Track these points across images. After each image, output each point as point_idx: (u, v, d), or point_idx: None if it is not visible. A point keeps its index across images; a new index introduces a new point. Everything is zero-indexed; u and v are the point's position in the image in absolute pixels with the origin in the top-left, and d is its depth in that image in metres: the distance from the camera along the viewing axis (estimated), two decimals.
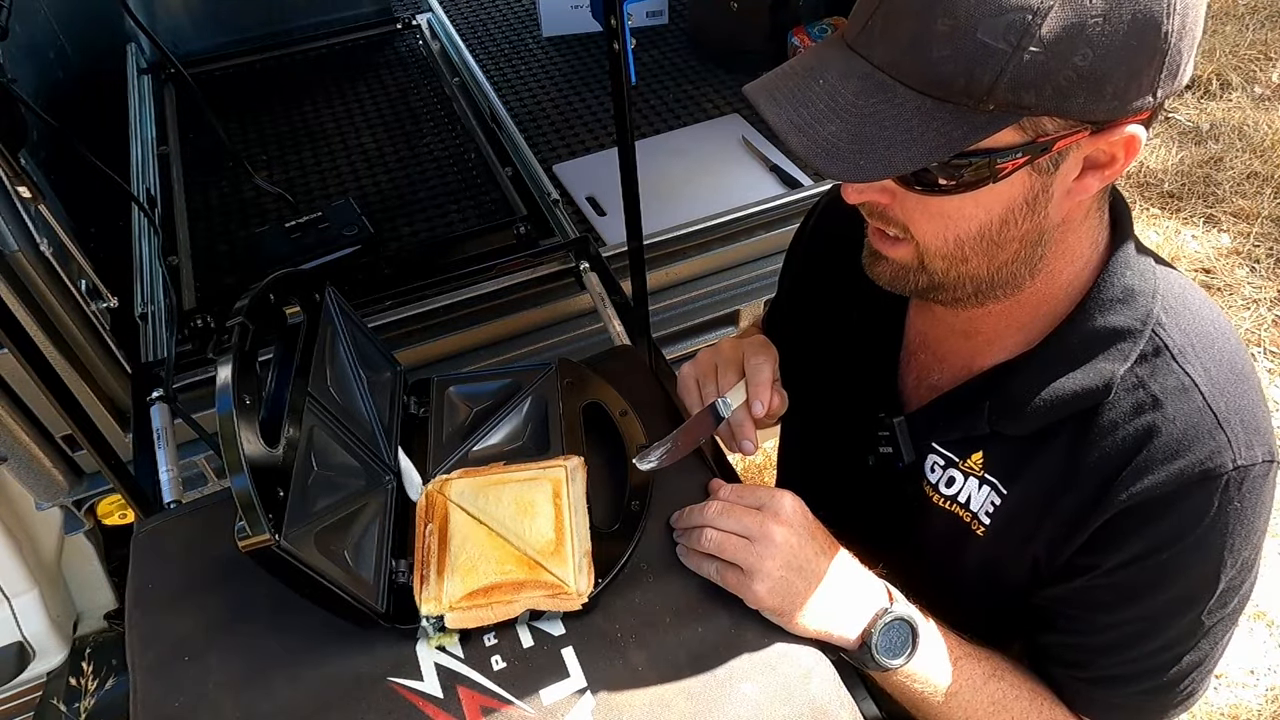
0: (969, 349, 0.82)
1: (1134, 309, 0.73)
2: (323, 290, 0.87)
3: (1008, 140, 0.61)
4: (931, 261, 0.71)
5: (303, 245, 1.49)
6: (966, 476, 0.81)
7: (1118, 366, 0.72)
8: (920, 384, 0.88)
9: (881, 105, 0.61)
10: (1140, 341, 0.72)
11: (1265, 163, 3.26)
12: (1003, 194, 0.65)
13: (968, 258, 0.70)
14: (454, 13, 2.33)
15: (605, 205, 1.68)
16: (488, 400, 0.95)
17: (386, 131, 1.84)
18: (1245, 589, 0.76)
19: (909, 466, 0.85)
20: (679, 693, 0.73)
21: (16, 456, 1.27)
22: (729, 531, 0.77)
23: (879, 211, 0.71)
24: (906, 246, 0.71)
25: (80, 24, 1.97)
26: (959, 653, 0.80)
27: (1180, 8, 0.58)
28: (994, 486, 0.79)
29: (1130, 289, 0.73)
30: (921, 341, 0.88)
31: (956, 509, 0.82)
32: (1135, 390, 0.72)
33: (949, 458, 0.82)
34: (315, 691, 0.73)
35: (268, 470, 0.69)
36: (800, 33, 1.95)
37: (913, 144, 0.60)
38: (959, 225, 0.67)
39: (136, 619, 0.79)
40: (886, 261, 0.74)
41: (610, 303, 1.29)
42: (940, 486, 0.83)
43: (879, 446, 0.87)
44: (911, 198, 0.67)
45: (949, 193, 0.65)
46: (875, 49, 0.62)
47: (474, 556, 0.79)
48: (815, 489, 0.83)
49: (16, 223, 1.15)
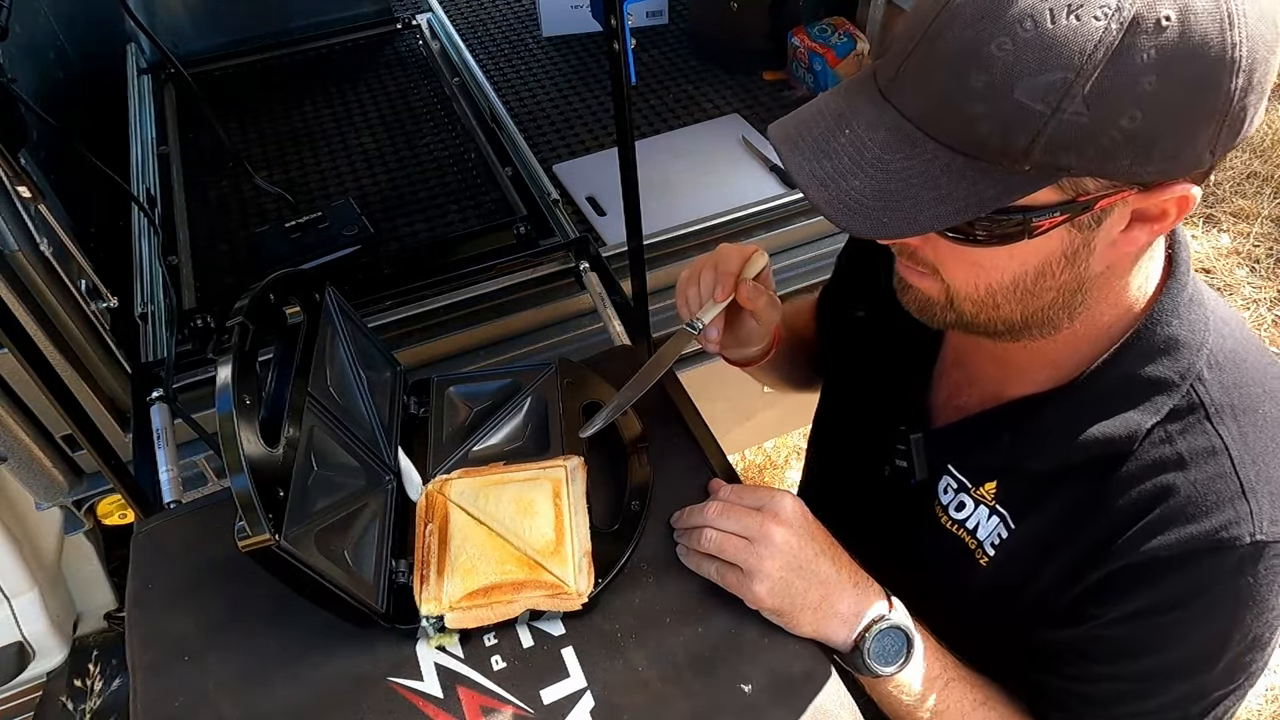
0: (1001, 376, 0.79)
1: (1176, 361, 0.69)
2: (323, 290, 0.87)
3: (1045, 199, 0.58)
4: (960, 304, 0.68)
5: (303, 245, 1.49)
6: (977, 504, 0.79)
7: (1147, 419, 0.69)
8: (949, 402, 0.86)
9: (909, 161, 0.58)
10: (1175, 396, 0.69)
11: (1265, 163, 3.26)
12: (1039, 248, 0.62)
13: (999, 305, 0.67)
14: (454, 13, 2.33)
15: (605, 205, 1.68)
16: (488, 400, 0.95)
17: (386, 131, 1.84)
18: (1256, 667, 0.72)
19: (921, 484, 0.83)
20: (679, 693, 0.73)
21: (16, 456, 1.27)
22: (729, 532, 0.77)
23: (908, 251, 0.69)
24: (936, 282, 0.69)
25: (80, 24, 1.97)
26: (952, 674, 0.79)
27: (1248, 64, 0.52)
28: (1003, 519, 0.77)
29: (1174, 339, 0.70)
30: (956, 359, 0.86)
31: (963, 534, 0.81)
32: (1161, 445, 0.69)
33: (962, 482, 0.81)
34: (315, 691, 0.73)
35: (268, 470, 0.69)
36: (800, 33, 1.94)
37: (941, 202, 0.57)
38: (991, 275, 0.65)
39: (136, 619, 0.79)
40: (914, 291, 0.72)
41: (610, 303, 1.29)
42: (950, 509, 0.82)
43: (895, 459, 0.85)
44: (943, 243, 0.64)
45: (981, 244, 0.62)
46: (906, 99, 0.58)
47: (474, 556, 0.79)
48: (832, 493, 0.83)
49: (16, 223, 1.15)
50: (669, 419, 0.94)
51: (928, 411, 0.87)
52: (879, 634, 0.75)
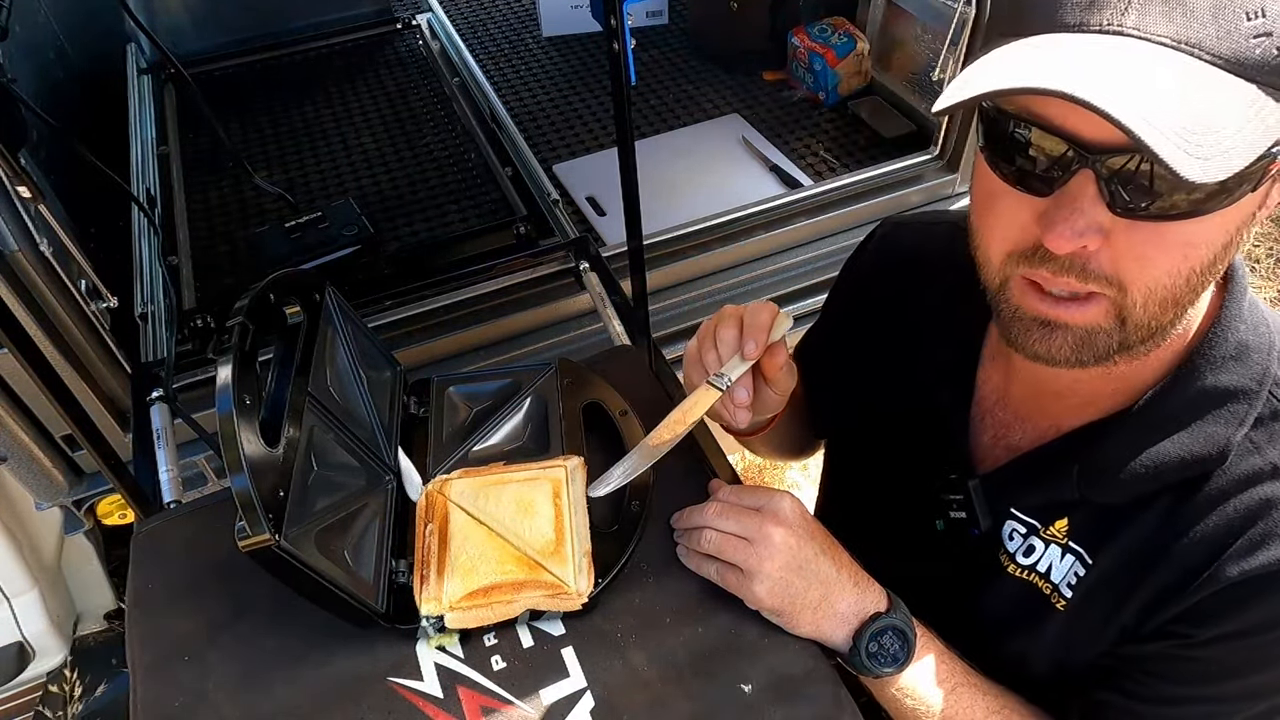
0: (1059, 408, 0.74)
1: (1249, 367, 0.66)
2: (323, 290, 0.87)
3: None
4: (1138, 314, 0.59)
5: (303, 245, 1.49)
6: (1048, 544, 0.75)
7: (1233, 432, 0.65)
8: (996, 443, 0.80)
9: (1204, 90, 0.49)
10: (1257, 403, 0.65)
11: None
12: (1246, 207, 0.55)
13: (1181, 299, 0.58)
14: (454, 13, 2.33)
15: (605, 205, 1.68)
16: (488, 400, 0.95)
17: (386, 131, 1.84)
18: None
19: (984, 534, 0.78)
20: (679, 693, 0.73)
21: (16, 456, 1.27)
22: (729, 533, 0.76)
23: (1079, 264, 0.58)
24: (1100, 305, 0.59)
25: (80, 24, 1.97)
26: (961, 680, 0.77)
27: None
28: (1079, 556, 0.73)
29: (1244, 344, 0.66)
30: (999, 399, 0.80)
31: (1035, 579, 0.76)
32: (1250, 456, 0.65)
33: (1030, 524, 0.76)
34: (315, 691, 0.73)
35: (268, 470, 0.69)
36: (800, 33, 1.95)
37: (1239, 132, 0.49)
38: (1197, 255, 0.56)
39: (136, 619, 0.79)
40: (1067, 331, 0.61)
41: (610, 303, 1.29)
42: (1018, 556, 0.77)
43: (949, 511, 0.79)
44: (1139, 231, 0.55)
45: (1200, 213, 0.53)
46: (1157, 23, 0.50)
47: (474, 556, 0.79)
48: (866, 553, 0.79)
49: (16, 223, 1.15)
50: None
51: (971, 457, 0.81)
52: (876, 634, 0.74)
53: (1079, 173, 0.54)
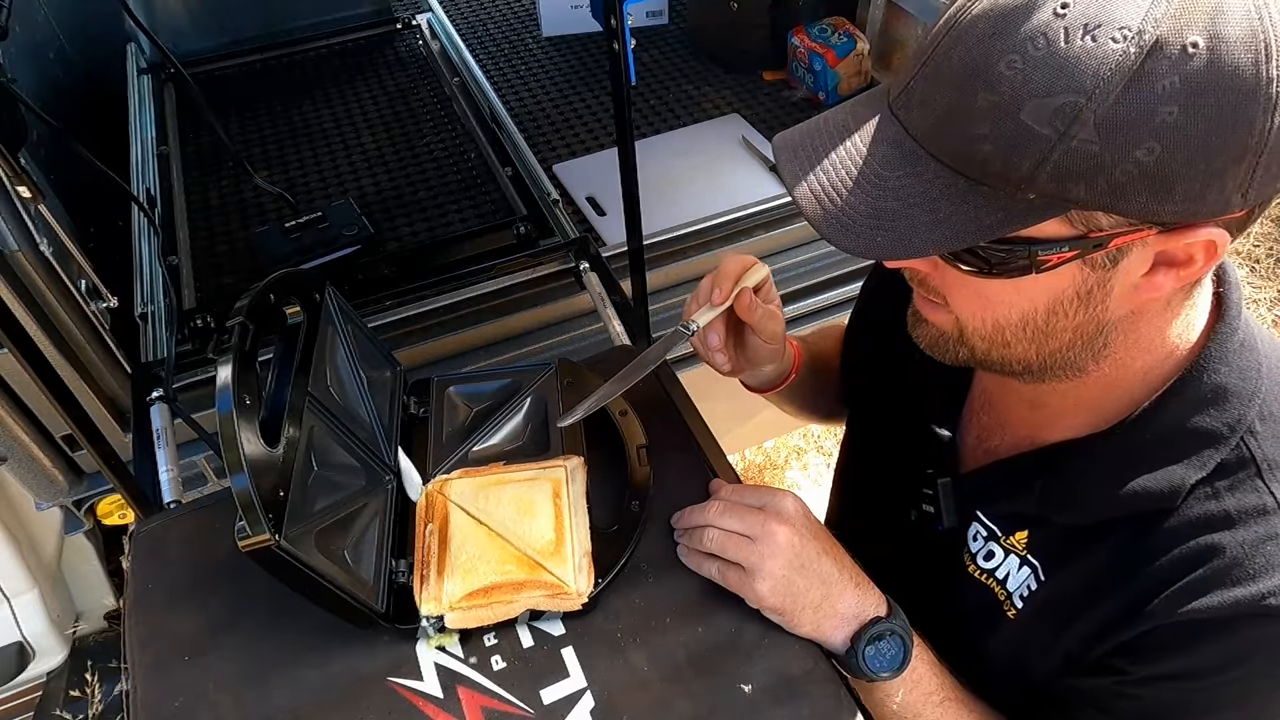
0: (1034, 419, 0.76)
1: (1225, 412, 0.65)
2: (323, 290, 0.87)
3: (1053, 231, 0.55)
4: (970, 338, 0.65)
5: (303, 245, 1.49)
6: (1007, 554, 0.76)
7: (1191, 474, 0.65)
8: (979, 446, 0.82)
9: (908, 180, 0.55)
10: (1224, 449, 0.65)
11: None
12: (1048, 285, 0.58)
13: (1009, 343, 0.64)
14: (454, 13, 2.33)
15: (605, 205, 1.68)
16: (488, 400, 0.95)
17: (386, 131, 1.84)
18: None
19: (948, 531, 0.80)
20: (679, 693, 0.73)
21: (16, 456, 1.27)
22: (731, 531, 0.76)
23: (919, 279, 0.66)
24: (947, 315, 0.66)
25: (80, 24, 1.97)
26: (949, 694, 0.77)
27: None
28: (1034, 570, 0.74)
29: (1223, 389, 0.65)
30: (986, 401, 0.82)
31: (992, 584, 0.77)
32: (1207, 501, 0.65)
33: (992, 530, 0.78)
34: (315, 691, 0.73)
35: (268, 470, 0.69)
36: (800, 33, 1.94)
37: (937, 226, 0.54)
38: (998, 310, 0.62)
39: (136, 619, 0.79)
40: (927, 325, 0.69)
41: (610, 303, 1.29)
42: (979, 558, 0.79)
43: (921, 504, 0.82)
44: (951, 271, 0.61)
45: (985, 275, 0.59)
46: (913, 115, 0.56)
47: (474, 557, 0.79)
48: (858, 534, 0.80)
49: (16, 223, 1.15)
50: (669, 419, 0.94)
51: (956, 455, 0.83)
52: (874, 637, 0.74)
53: None
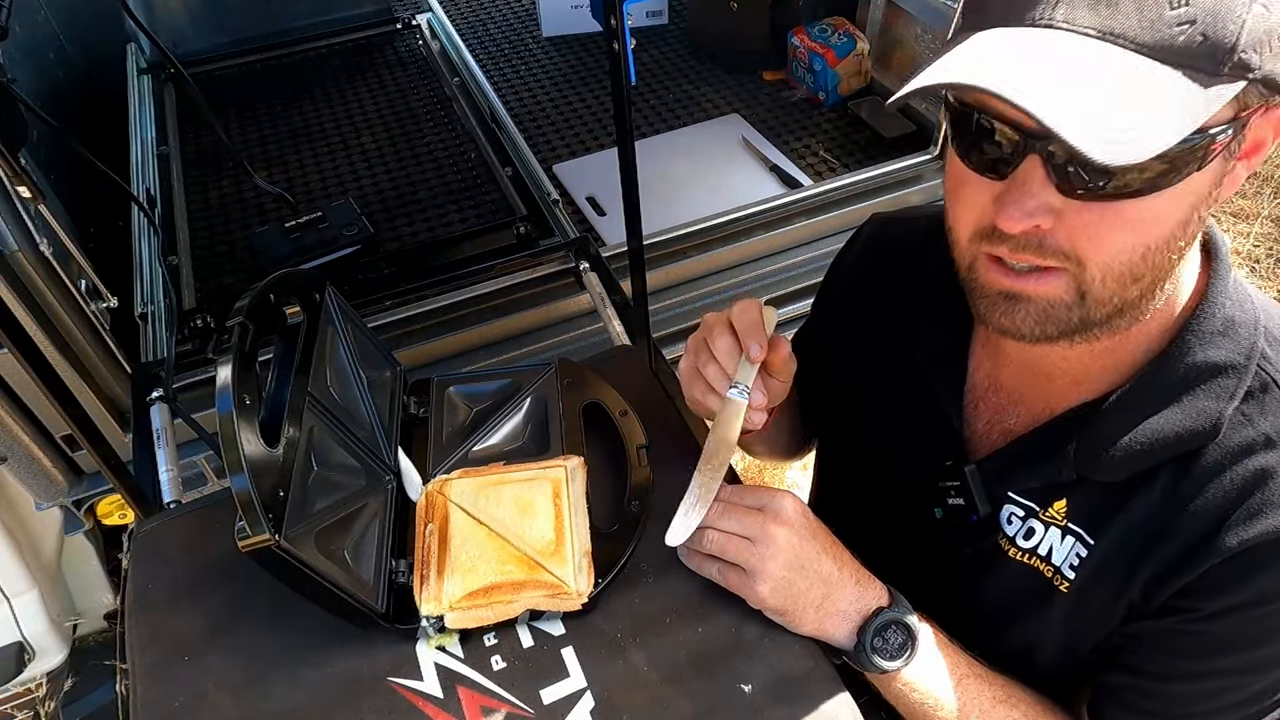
0: (1050, 390, 0.75)
1: (1236, 342, 0.67)
2: (323, 290, 0.87)
3: (1223, 116, 0.52)
4: (1097, 289, 0.61)
5: (303, 245, 1.49)
6: (1048, 527, 0.75)
7: (1224, 405, 0.66)
8: (992, 428, 0.81)
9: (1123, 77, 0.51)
10: (1246, 377, 0.66)
11: (1265, 162, 3.26)
12: (1197, 186, 0.56)
13: (1142, 275, 0.60)
14: (454, 13, 2.33)
15: (605, 205, 1.69)
16: (488, 400, 0.95)
17: (386, 131, 1.84)
18: None
19: (984, 519, 0.78)
20: (679, 693, 0.73)
21: (16, 456, 1.27)
22: (731, 532, 0.76)
23: (1034, 241, 0.60)
24: (1060, 279, 0.62)
25: (80, 24, 1.97)
26: (965, 671, 0.77)
27: None
28: (1079, 537, 0.73)
29: (1231, 320, 0.67)
30: (991, 383, 0.81)
31: (1037, 563, 0.76)
32: (1242, 428, 0.66)
33: (1028, 507, 0.76)
34: (315, 691, 0.73)
35: (268, 470, 0.69)
36: (800, 33, 1.95)
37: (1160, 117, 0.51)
38: (1151, 232, 0.58)
39: (136, 619, 0.79)
40: (1030, 304, 0.63)
41: (610, 303, 1.29)
42: (1018, 539, 0.77)
43: (947, 498, 0.80)
44: (1090, 211, 0.57)
45: (1149, 191, 0.55)
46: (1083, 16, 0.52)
47: (474, 556, 0.79)
48: (862, 545, 0.79)
49: (16, 223, 1.15)
50: (669, 419, 0.94)
51: (967, 443, 0.82)
52: (880, 629, 0.74)
53: (1027, 158, 0.58)
